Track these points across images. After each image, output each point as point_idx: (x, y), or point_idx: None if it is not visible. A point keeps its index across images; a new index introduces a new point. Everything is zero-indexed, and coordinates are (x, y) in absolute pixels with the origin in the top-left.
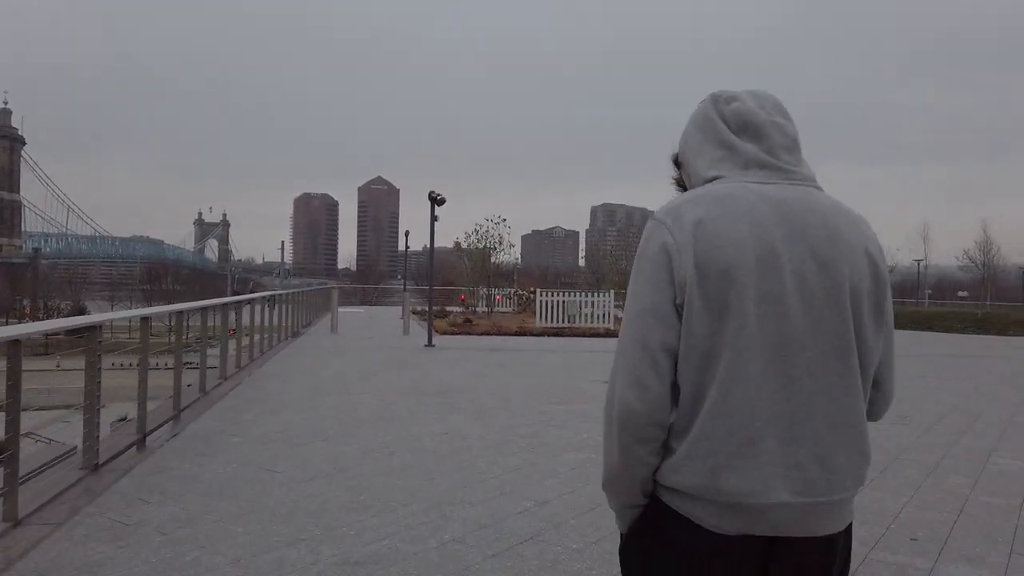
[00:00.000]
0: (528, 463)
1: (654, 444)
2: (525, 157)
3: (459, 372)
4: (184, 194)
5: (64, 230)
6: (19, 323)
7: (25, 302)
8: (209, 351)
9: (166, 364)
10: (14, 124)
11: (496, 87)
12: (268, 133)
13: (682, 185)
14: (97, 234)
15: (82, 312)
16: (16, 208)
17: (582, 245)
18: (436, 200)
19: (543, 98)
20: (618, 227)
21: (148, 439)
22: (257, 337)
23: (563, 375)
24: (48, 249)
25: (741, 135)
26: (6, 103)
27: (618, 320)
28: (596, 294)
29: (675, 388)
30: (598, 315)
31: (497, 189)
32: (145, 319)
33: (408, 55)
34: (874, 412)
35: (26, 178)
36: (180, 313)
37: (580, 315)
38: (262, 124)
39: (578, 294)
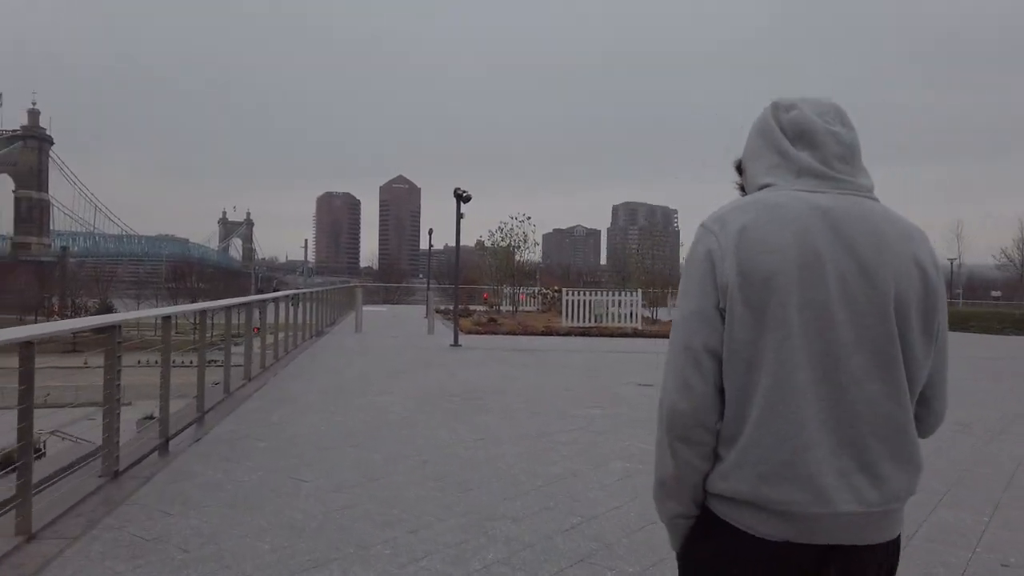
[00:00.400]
0: (570, 473)
1: (701, 447)
2: (525, 157)
3: (487, 373)
4: (208, 193)
5: (92, 229)
6: (34, 322)
7: (53, 300)
8: (234, 349)
9: (191, 362)
10: (42, 124)
11: (496, 87)
12: (291, 132)
13: (744, 190)
14: (124, 233)
15: (109, 310)
16: (45, 207)
17: (604, 244)
18: (462, 197)
19: (543, 98)
20: (640, 226)
21: (171, 443)
22: (281, 335)
23: (595, 377)
24: (76, 248)
25: (796, 143)
26: (34, 104)
27: (645, 320)
28: (623, 293)
29: (722, 392)
30: (624, 315)
31: (497, 189)
32: (167, 319)
33: (409, 54)
34: (923, 429)
35: (54, 177)
36: (203, 312)
37: (607, 315)
38: (286, 124)
39: (605, 293)
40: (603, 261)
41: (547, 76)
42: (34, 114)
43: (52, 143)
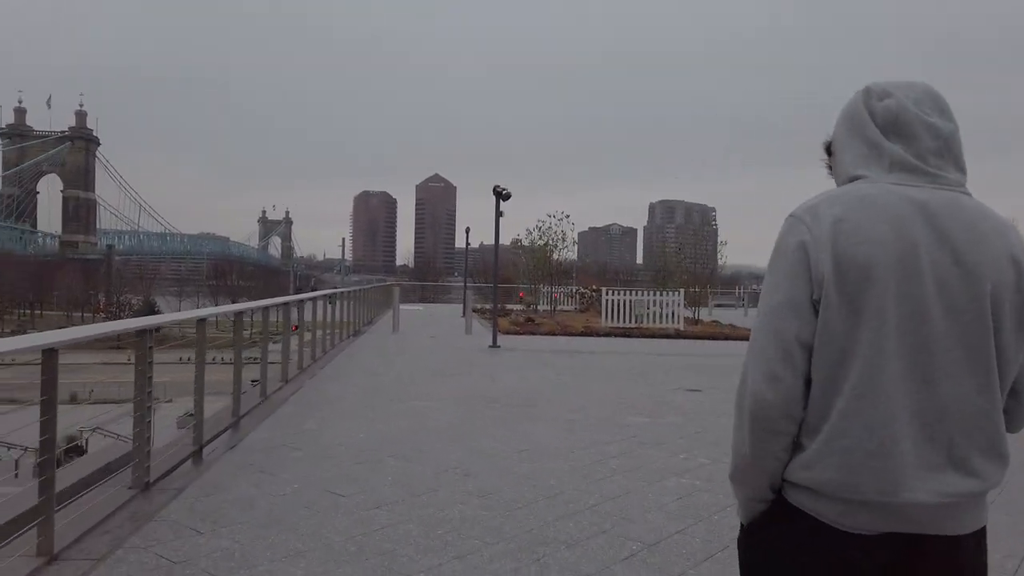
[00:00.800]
0: (625, 491)
1: (786, 438)
2: (525, 157)
3: (529, 376)
4: (248, 193)
5: (136, 227)
6: (81, 318)
7: (100, 297)
8: (272, 347)
9: (224, 359)
10: (88, 125)
11: (496, 87)
12: (328, 132)
13: (831, 169)
14: (167, 231)
15: (152, 307)
16: (91, 206)
17: (640, 242)
18: (501, 195)
19: (543, 98)
20: (677, 224)
21: (205, 450)
22: (318, 334)
23: (641, 381)
24: (121, 246)
25: (889, 135)
26: (81, 105)
27: (687, 320)
28: (664, 293)
29: (808, 383)
30: (665, 315)
31: (536, 188)
32: (201, 321)
33: (410, 54)
34: (1013, 423)
35: (100, 177)
36: (239, 315)
37: (648, 315)
38: (325, 123)
39: (646, 293)
40: (639, 260)
41: (547, 76)
42: (81, 115)
43: (99, 143)
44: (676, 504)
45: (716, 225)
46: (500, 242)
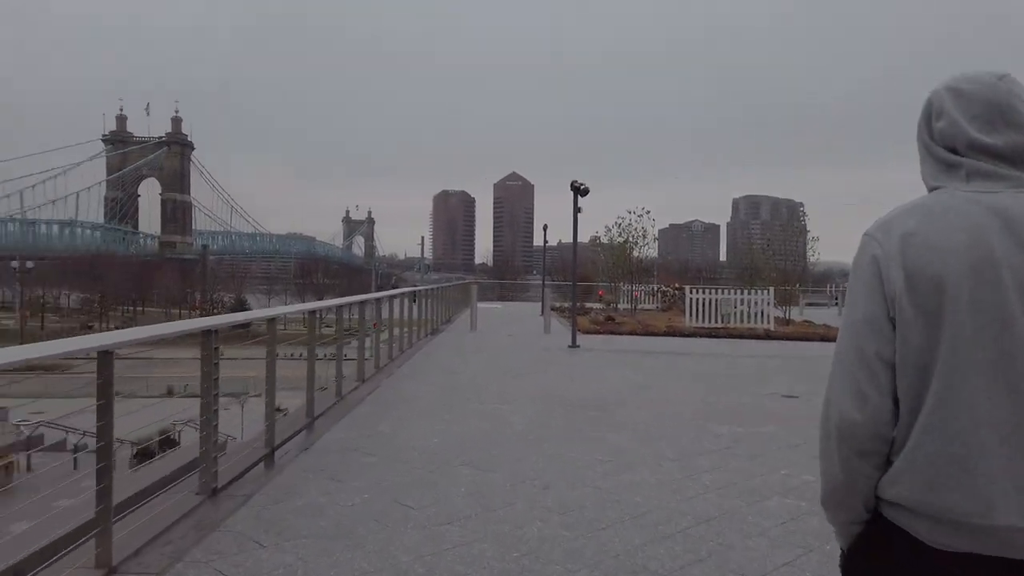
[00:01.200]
0: (721, 512)
1: (876, 458)
2: (601, 152)
3: (610, 378)
4: (333, 193)
5: (228, 228)
6: (179, 315)
7: (196, 295)
8: (352, 345)
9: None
10: (183, 130)
11: (571, 84)
12: (409, 133)
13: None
14: (257, 232)
15: (242, 305)
16: (187, 208)
17: (723, 239)
18: (579, 190)
19: (612, 94)
20: (763, 220)
21: (277, 452)
22: (397, 333)
23: (731, 385)
24: (215, 246)
25: (955, 152)
26: (177, 111)
27: (777, 320)
28: (753, 292)
29: (896, 402)
30: (754, 314)
31: (612, 183)
32: (271, 320)
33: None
34: None
35: (195, 180)
36: (313, 313)
37: (735, 314)
38: (405, 124)
39: (733, 292)
40: (722, 257)
41: (547, 75)
42: (177, 121)
43: (193, 148)
44: (780, 529)
45: (805, 220)
46: (579, 239)
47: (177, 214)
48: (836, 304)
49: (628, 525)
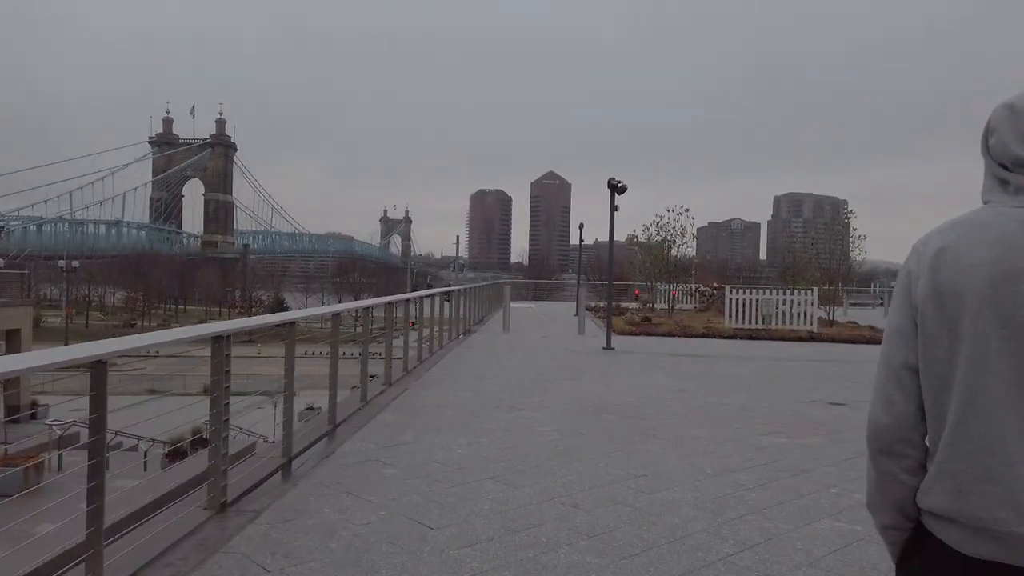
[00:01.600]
0: (766, 536)
1: (905, 461)
2: (639, 151)
3: (646, 383)
4: (371, 193)
5: (269, 228)
6: (219, 313)
7: (236, 293)
8: (375, 347)
9: (319, 352)
10: (227, 132)
11: (604, 83)
12: (447, 133)
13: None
14: (296, 231)
15: (281, 303)
16: (229, 208)
17: (763, 238)
18: (616, 188)
19: (659, 91)
20: (805, 218)
21: (296, 462)
22: (427, 332)
23: (774, 392)
24: (256, 245)
25: (1008, 167)
26: (221, 113)
27: (821, 321)
28: (795, 292)
29: (922, 408)
30: (793, 315)
31: (652, 181)
32: (291, 324)
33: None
34: None
35: (237, 180)
36: (337, 316)
37: (776, 315)
38: (443, 124)
39: (774, 292)
40: (763, 256)
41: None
42: (221, 123)
43: (236, 149)
44: (833, 558)
45: (849, 219)
46: (616, 238)
47: (219, 214)
48: (881, 304)
49: (664, 551)
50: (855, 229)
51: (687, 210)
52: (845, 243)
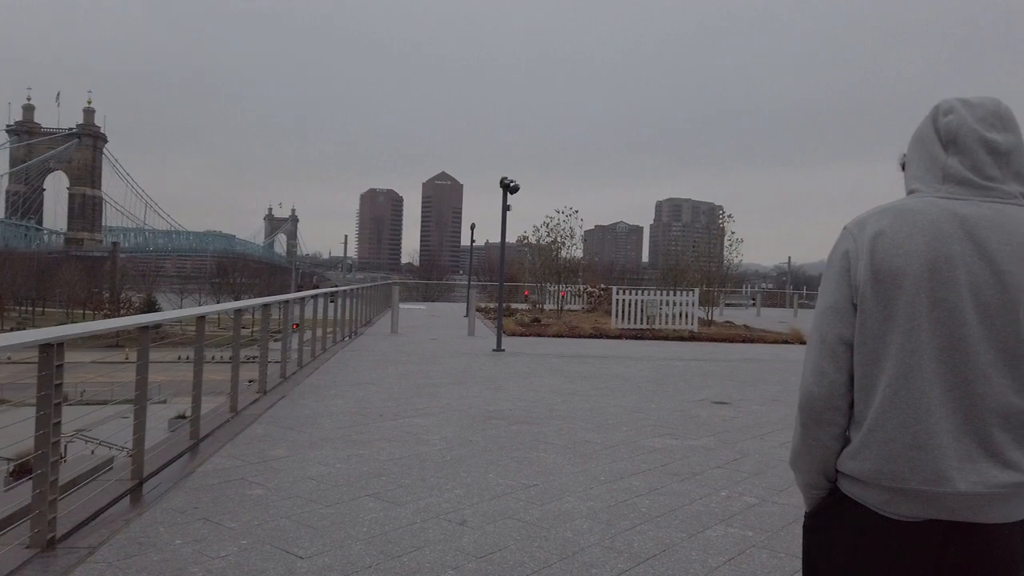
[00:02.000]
0: (661, 547)
1: (833, 428)
2: (530, 156)
3: (537, 386)
4: (257, 191)
5: (142, 225)
6: (82, 315)
7: (104, 294)
8: (248, 352)
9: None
10: (96, 122)
11: (502, 84)
12: (335, 130)
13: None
14: (172, 229)
15: (152, 305)
16: (97, 203)
17: (646, 241)
18: (509, 187)
19: (550, 95)
20: (684, 222)
21: (146, 485)
22: (309, 336)
23: (662, 392)
24: (127, 243)
25: (948, 149)
26: (90, 102)
27: (704, 322)
28: (678, 293)
29: (851, 378)
30: (675, 315)
31: (537, 185)
32: (144, 328)
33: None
34: None
35: (107, 174)
36: (202, 319)
37: (660, 316)
38: (329, 121)
39: (659, 293)
40: (645, 258)
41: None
42: (89, 112)
43: (106, 140)
44: (729, 568)
45: (724, 223)
46: (507, 239)
47: (86, 209)
48: (753, 304)
49: (556, 570)
50: (733, 232)
51: (576, 211)
52: (721, 245)
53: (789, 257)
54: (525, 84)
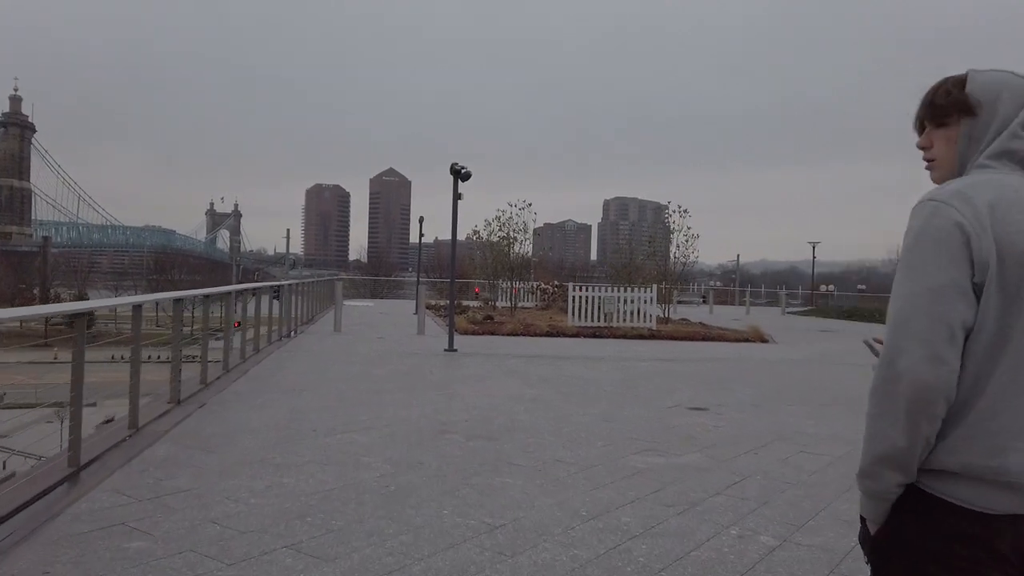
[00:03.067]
0: None
1: (940, 422)
2: (481, 155)
3: (495, 392)
4: (199, 185)
5: (75, 219)
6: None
7: (34, 290)
8: (160, 352)
9: (150, 357)
10: (24, 111)
11: (453, 81)
12: (280, 123)
13: (929, 163)
14: (108, 223)
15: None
16: (26, 196)
17: (594, 239)
18: (460, 174)
19: (498, 96)
20: (631, 221)
21: (3, 527)
22: (241, 336)
23: (630, 397)
24: (60, 238)
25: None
26: (16, 90)
27: (661, 320)
28: (636, 290)
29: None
30: (634, 312)
31: (484, 184)
32: (76, 318)
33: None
34: None
35: (36, 166)
36: (80, 316)
37: (618, 313)
38: (278, 115)
39: (616, 290)
40: (593, 256)
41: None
42: (16, 100)
43: (34, 131)
44: None
45: (675, 220)
46: (458, 236)
47: (13, 202)
48: (704, 302)
49: None
50: (689, 228)
51: (530, 205)
52: (677, 241)
53: (738, 255)
54: (479, 71)
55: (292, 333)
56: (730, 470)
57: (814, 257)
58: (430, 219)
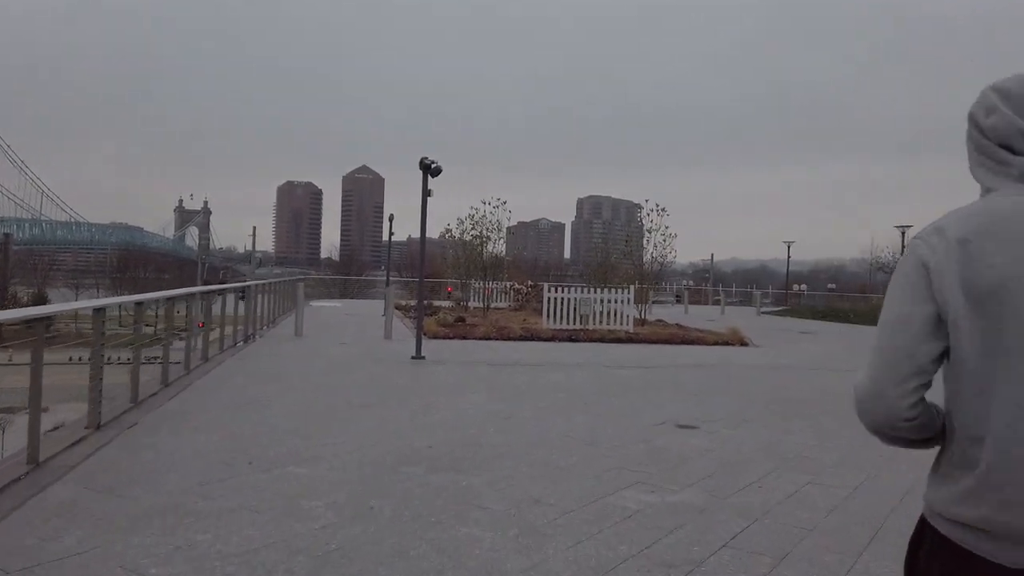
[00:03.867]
0: None
1: (919, 431)
2: (454, 153)
3: (465, 408)
4: (168, 182)
5: (38, 215)
6: None
7: None
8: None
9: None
10: None
11: (426, 75)
12: (254, 120)
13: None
14: (72, 220)
15: (43, 300)
16: None
17: (568, 238)
18: (430, 169)
19: (472, 92)
20: (605, 219)
21: None
22: (187, 343)
23: (613, 412)
24: (22, 235)
25: (1009, 148)
26: None
27: (638, 322)
28: (613, 291)
29: (927, 388)
30: (611, 314)
31: (459, 182)
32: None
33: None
34: None
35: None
36: (40, 322)
37: (594, 315)
38: (249, 111)
39: (593, 291)
40: (567, 255)
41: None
42: None
43: None
44: None
45: (650, 219)
46: (430, 234)
47: None
48: (679, 302)
49: None
50: (667, 227)
51: (504, 203)
52: (655, 240)
53: (712, 254)
54: (456, 61)
55: (251, 337)
56: (734, 510)
57: (789, 256)
58: (405, 217)
